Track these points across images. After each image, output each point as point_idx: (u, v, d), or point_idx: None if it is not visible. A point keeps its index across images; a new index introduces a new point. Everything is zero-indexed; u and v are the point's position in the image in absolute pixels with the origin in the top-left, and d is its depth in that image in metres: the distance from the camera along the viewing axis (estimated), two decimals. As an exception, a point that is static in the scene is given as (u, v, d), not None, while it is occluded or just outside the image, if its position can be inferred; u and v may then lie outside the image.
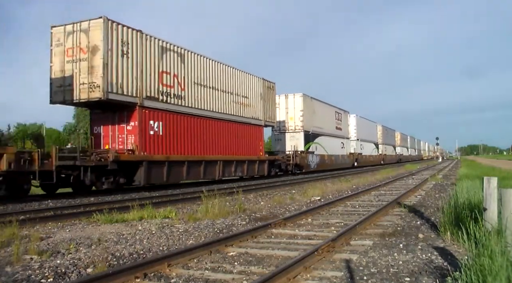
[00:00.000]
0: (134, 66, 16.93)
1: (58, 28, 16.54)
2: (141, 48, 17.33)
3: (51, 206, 11.96)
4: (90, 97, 15.78)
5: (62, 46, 16.35)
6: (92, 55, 15.74)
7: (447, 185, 18.12)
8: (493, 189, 5.27)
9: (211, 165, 21.39)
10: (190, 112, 20.18)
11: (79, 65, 15.94)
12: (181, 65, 19.75)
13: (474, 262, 4.08)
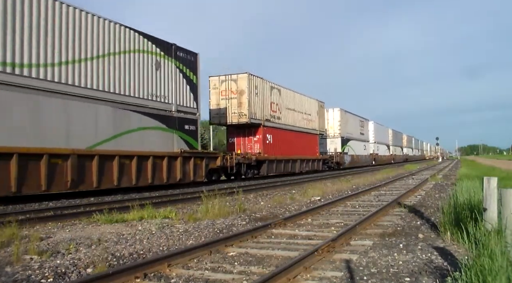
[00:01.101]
0: (260, 101, 27.07)
1: (214, 78, 26.36)
2: (262, 89, 27.51)
3: (51, 206, 11.95)
4: (239, 121, 25.79)
5: (217, 89, 26.18)
6: (240, 95, 25.68)
7: (447, 185, 18.12)
8: (493, 189, 5.27)
9: (294, 162, 31.13)
10: (284, 127, 30.14)
11: (231, 102, 25.81)
12: (279, 97, 30.25)
13: (474, 262, 4.08)
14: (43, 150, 13.18)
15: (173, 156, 18.65)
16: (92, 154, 14.86)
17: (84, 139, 14.75)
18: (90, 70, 15.14)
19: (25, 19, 13.05)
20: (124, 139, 16.34)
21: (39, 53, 13.45)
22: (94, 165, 14.83)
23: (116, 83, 16.16)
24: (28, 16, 13.13)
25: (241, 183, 21.05)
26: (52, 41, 13.86)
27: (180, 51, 20.19)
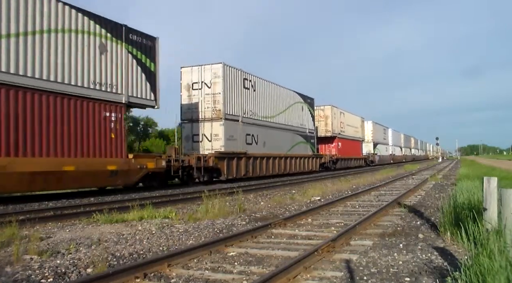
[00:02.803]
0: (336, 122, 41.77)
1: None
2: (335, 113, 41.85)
3: (51, 206, 11.96)
4: (326, 135, 39.57)
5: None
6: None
7: (447, 185, 18.13)
8: (493, 189, 5.27)
9: (351, 160, 44.86)
10: (346, 137, 43.46)
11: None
12: (344, 118, 43.07)
13: (473, 262, 4.08)
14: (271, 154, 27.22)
15: (308, 157, 33.69)
16: (288, 156, 29.83)
17: (284, 148, 29.53)
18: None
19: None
20: (295, 149, 31.48)
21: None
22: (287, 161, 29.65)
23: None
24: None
25: (241, 183, 21.03)
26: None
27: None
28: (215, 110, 22.30)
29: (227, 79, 22.67)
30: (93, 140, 15.30)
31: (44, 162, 13.31)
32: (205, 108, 22.49)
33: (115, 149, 16.19)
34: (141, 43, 17.69)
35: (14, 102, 12.69)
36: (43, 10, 13.65)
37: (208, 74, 22.48)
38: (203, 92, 22.61)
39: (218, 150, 21.79)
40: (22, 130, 12.87)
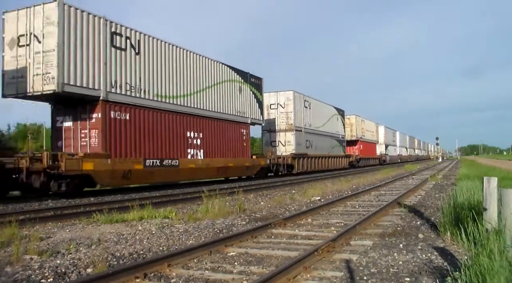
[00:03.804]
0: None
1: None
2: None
3: (51, 206, 11.96)
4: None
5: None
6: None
7: (447, 185, 18.13)
8: (493, 189, 5.27)
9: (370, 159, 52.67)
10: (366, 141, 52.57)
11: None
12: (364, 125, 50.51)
13: (473, 262, 4.08)
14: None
15: (341, 157, 42.12)
16: (329, 156, 38.22)
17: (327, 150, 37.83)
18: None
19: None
20: (333, 150, 39.70)
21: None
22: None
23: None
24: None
25: (241, 183, 21.06)
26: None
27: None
28: (288, 124, 30.97)
29: (295, 101, 31.24)
30: (236, 148, 24.54)
31: (221, 161, 22.81)
32: (280, 123, 31.00)
33: (246, 152, 25.56)
34: (255, 83, 26.95)
35: (207, 126, 21.87)
36: (212, 71, 22.58)
37: (282, 98, 31.03)
38: (279, 111, 31.12)
39: (291, 152, 30.45)
40: (210, 143, 22.07)
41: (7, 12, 15.24)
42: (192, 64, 20.84)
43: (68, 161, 14.01)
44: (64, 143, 16.14)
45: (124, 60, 16.83)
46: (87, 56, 15.32)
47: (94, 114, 15.79)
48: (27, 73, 14.63)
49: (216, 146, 22.54)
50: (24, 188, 14.07)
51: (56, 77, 14.12)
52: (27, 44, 14.71)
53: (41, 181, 13.58)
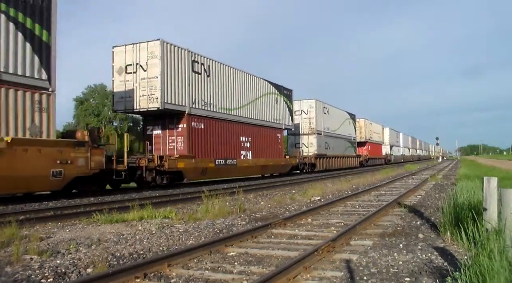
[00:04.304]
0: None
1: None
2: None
3: (51, 206, 11.96)
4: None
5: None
6: None
7: (447, 185, 18.12)
8: (493, 189, 5.26)
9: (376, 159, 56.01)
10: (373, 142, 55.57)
11: None
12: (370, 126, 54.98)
13: (473, 262, 4.08)
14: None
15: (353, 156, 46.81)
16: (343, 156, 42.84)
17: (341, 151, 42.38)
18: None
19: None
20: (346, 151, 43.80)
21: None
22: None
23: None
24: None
25: (241, 183, 21.07)
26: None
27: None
28: (310, 128, 35.80)
29: (316, 108, 36.09)
30: (274, 149, 28.94)
31: (264, 161, 27.15)
32: (304, 127, 35.79)
33: (281, 153, 30.20)
34: (287, 94, 31.68)
35: (253, 132, 26.27)
36: (257, 86, 27.21)
37: (305, 106, 35.77)
38: (302, 117, 35.80)
39: (314, 153, 35.14)
40: (256, 146, 26.37)
41: (116, 47, 19.59)
42: (243, 81, 25.50)
43: (170, 161, 18.42)
44: (154, 147, 20.24)
45: (200, 82, 21.41)
46: (178, 81, 19.77)
47: (180, 125, 20.18)
48: (134, 94, 19.02)
49: (260, 148, 26.99)
50: (139, 181, 18.19)
51: (159, 97, 18.56)
52: (134, 72, 19.04)
53: (152, 176, 17.95)
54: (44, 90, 13.49)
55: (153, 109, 18.80)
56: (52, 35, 13.89)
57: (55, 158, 13.28)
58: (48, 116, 13.53)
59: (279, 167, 29.50)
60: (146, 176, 17.52)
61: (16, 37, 12.79)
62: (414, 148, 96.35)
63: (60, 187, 13.95)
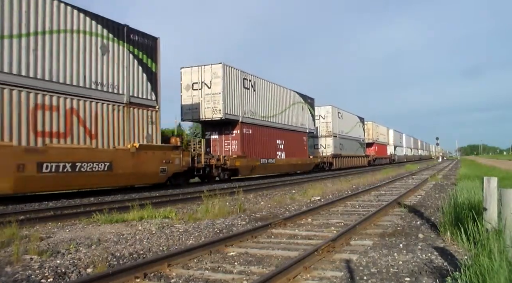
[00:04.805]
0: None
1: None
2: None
3: (51, 206, 11.95)
4: None
5: None
6: None
7: (447, 185, 18.12)
8: (493, 189, 5.26)
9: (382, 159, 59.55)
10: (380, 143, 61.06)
11: None
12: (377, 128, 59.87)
13: (473, 262, 4.08)
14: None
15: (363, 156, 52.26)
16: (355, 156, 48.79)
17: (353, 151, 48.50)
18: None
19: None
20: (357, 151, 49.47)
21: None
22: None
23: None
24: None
25: (241, 183, 21.09)
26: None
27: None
28: (327, 131, 40.57)
29: (333, 113, 41.11)
30: (300, 150, 33.14)
31: (294, 160, 31.61)
32: (322, 130, 40.33)
33: (306, 153, 34.49)
34: (310, 102, 36.26)
35: (286, 135, 30.45)
36: (288, 96, 32.20)
37: (323, 111, 40.42)
38: (320, 121, 40.11)
39: (331, 153, 40.06)
40: (288, 147, 30.55)
41: (183, 68, 24.41)
42: (278, 93, 30.13)
43: (230, 160, 23.14)
44: (211, 148, 24.69)
45: (248, 95, 26.13)
46: (234, 95, 24.43)
47: (235, 131, 24.79)
48: (200, 106, 23.71)
49: (291, 149, 31.08)
50: (205, 176, 22.48)
51: (222, 109, 23.25)
52: (199, 88, 23.81)
53: (218, 172, 22.71)
54: (153, 108, 17.96)
55: (216, 119, 23.58)
56: (158, 66, 18.28)
57: (162, 158, 17.75)
58: (156, 127, 17.98)
59: (305, 165, 34.28)
60: (213, 172, 22.27)
61: (138, 69, 17.33)
62: (416, 148, 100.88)
63: (164, 180, 18.50)
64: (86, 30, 15.04)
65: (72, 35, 14.51)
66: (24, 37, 12.89)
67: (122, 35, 16.65)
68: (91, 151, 14.75)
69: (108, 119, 15.67)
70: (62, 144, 13.85)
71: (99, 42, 15.54)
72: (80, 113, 14.60)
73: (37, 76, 13.20)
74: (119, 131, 16.09)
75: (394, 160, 67.74)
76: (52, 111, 13.59)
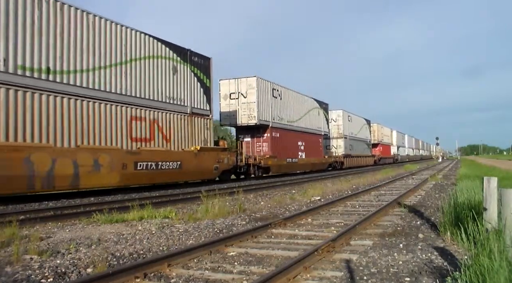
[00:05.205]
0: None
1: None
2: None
3: (51, 206, 11.95)
4: None
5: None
6: None
7: (447, 185, 18.12)
8: (493, 189, 5.26)
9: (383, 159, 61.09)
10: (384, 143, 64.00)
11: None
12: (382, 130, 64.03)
13: (473, 262, 4.08)
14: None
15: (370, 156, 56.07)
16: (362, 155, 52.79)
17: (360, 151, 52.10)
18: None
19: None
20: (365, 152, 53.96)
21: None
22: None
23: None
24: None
25: (241, 183, 21.09)
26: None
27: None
28: (338, 133, 43.96)
29: (343, 117, 44.67)
30: (317, 151, 36.90)
31: (312, 159, 35.42)
32: (333, 132, 43.47)
33: (322, 154, 38.10)
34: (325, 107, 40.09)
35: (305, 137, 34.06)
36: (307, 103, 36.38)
37: (334, 115, 43.93)
38: (332, 124, 42.87)
39: (342, 153, 43.39)
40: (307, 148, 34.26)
41: (221, 80, 28.10)
42: (298, 100, 33.97)
43: (264, 159, 27.04)
44: (244, 150, 27.10)
45: (276, 103, 30.02)
46: (265, 104, 28.29)
47: (265, 134, 28.31)
48: (237, 114, 27.43)
49: (309, 150, 34.80)
50: (243, 173, 26.39)
51: (256, 116, 27.08)
52: (236, 98, 27.54)
53: (254, 170, 26.68)
54: (207, 116, 21.85)
55: (251, 124, 27.21)
56: (211, 81, 22.31)
57: (215, 158, 21.75)
58: (210, 133, 21.90)
59: (321, 164, 38.28)
60: (251, 170, 26.31)
61: (197, 85, 21.23)
62: (417, 148, 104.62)
63: (216, 176, 22.49)
64: (162, 55, 18.98)
65: (153, 60, 18.38)
66: (122, 64, 16.70)
67: (186, 58, 20.71)
68: (167, 152, 18.63)
69: (178, 126, 19.50)
70: (148, 147, 17.62)
71: (171, 65, 19.55)
72: (159, 122, 18.46)
73: (132, 94, 17.08)
74: (185, 136, 19.95)
75: (397, 160, 71.60)
76: (142, 121, 17.45)
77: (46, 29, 13.82)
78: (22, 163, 12.65)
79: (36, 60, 13.40)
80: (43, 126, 13.44)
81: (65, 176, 13.92)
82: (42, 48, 13.64)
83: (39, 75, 13.48)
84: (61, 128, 14.02)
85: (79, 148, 14.56)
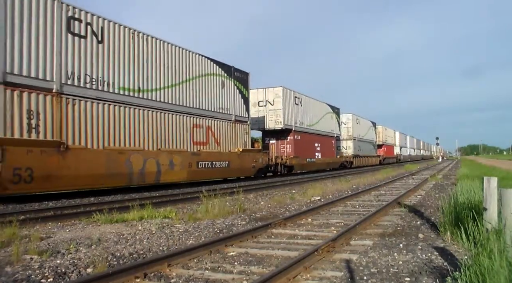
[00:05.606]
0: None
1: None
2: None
3: (51, 206, 11.95)
4: None
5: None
6: None
7: (447, 184, 18.13)
8: (493, 189, 5.26)
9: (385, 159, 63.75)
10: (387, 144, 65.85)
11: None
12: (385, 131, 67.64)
13: (473, 262, 4.08)
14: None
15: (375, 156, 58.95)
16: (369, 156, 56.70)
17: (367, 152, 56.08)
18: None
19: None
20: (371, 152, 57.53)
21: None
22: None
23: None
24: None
25: (241, 183, 21.10)
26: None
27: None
28: (348, 135, 47.60)
29: (352, 120, 48.35)
30: (330, 151, 40.20)
31: (327, 159, 39.25)
32: (343, 134, 46.37)
33: (334, 154, 41.41)
34: (337, 111, 43.21)
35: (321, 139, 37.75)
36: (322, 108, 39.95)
37: (344, 118, 47.22)
38: (342, 126, 45.65)
39: (351, 154, 46.91)
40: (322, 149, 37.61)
41: (251, 89, 27.99)
42: (315, 105, 37.31)
43: (289, 159, 30.37)
44: (270, 151, 29.45)
45: (298, 109, 33.26)
46: (289, 110, 31.51)
47: (289, 137, 31.47)
48: (264, 119, 30.73)
49: (324, 150, 38.15)
50: (271, 171, 29.49)
51: (282, 121, 30.34)
52: (264, 105, 30.88)
53: (281, 168, 29.82)
54: (246, 123, 25.45)
55: (278, 128, 30.40)
56: (248, 92, 26.05)
57: (253, 158, 25.26)
58: (248, 136, 25.61)
59: (334, 163, 41.88)
60: (279, 168, 29.48)
61: (238, 96, 24.81)
62: (419, 148, 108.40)
63: (253, 174, 25.80)
64: (213, 72, 22.56)
65: (208, 77, 22.02)
66: (184, 83, 20.22)
67: (230, 73, 24.20)
68: (219, 153, 22.23)
69: (225, 132, 23.15)
70: (205, 149, 21.18)
71: (220, 80, 23.04)
72: (212, 129, 22.10)
73: (193, 106, 20.75)
74: (230, 140, 23.52)
75: (400, 160, 75.15)
76: (200, 128, 21.06)
77: (138, 57, 17.53)
78: (125, 163, 16.10)
79: (131, 82, 17.09)
80: (136, 133, 17.08)
81: (152, 172, 17.47)
82: (135, 72, 17.33)
83: (133, 94, 17.14)
84: (148, 134, 17.62)
85: (160, 151, 18.13)
